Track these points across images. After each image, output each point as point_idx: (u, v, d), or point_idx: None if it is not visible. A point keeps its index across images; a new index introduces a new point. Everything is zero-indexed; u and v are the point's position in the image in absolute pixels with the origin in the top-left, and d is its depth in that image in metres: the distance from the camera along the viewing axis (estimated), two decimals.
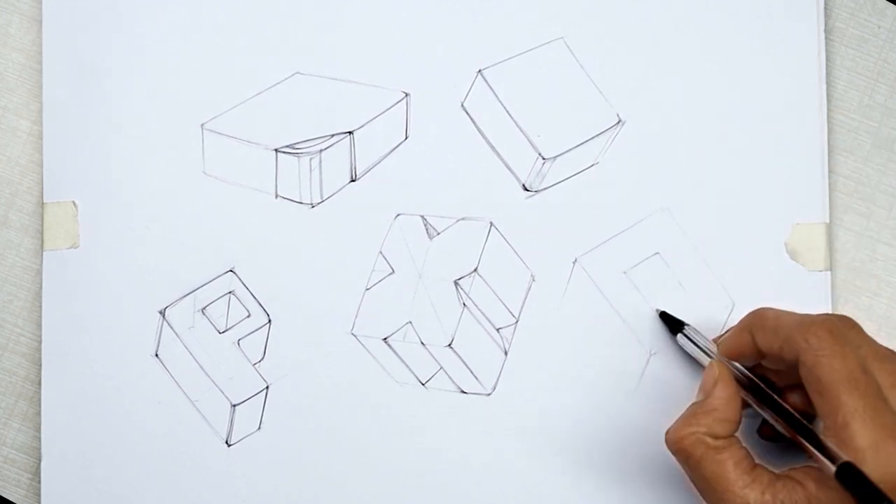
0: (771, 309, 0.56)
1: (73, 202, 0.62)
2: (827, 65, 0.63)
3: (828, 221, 0.61)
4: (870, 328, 0.62)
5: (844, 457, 0.49)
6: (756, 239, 0.61)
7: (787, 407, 0.54)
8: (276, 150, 0.62)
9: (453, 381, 0.61)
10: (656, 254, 0.62)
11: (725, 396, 0.54)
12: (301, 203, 0.62)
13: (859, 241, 0.63)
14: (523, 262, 0.62)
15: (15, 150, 0.64)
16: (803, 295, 0.61)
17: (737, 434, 0.54)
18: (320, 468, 0.61)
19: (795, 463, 0.53)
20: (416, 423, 0.61)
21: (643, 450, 0.61)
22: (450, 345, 0.61)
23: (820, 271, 0.61)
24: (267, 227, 0.62)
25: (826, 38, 0.63)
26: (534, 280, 0.61)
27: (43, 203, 0.62)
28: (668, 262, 0.61)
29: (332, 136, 0.62)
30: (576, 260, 0.61)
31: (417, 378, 0.61)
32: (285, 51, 0.63)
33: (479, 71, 0.62)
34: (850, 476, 0.48)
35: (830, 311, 0.61)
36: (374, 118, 0.62)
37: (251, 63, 0.63)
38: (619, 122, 0.62)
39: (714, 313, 0.61)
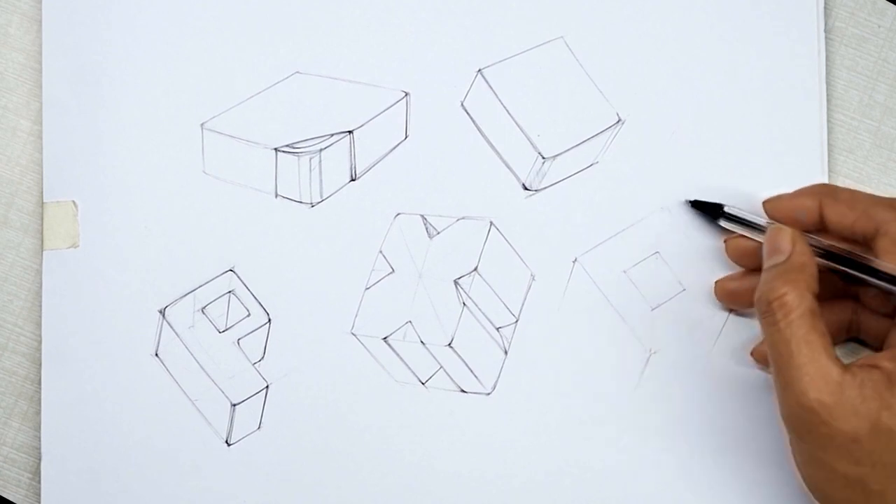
0: (839, 186, 0.57)
1: (73, 202, 0.62)
2: (827, 64, 0.63)
3: None
4: None
5: None
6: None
7: (862, 254, 0.54)
8: (276, 150, 0.62)
9: (453, 381, 0.61)
10: (656, 253, 0.62)
11: (809, 252, 0.54)
12: (301, 202, 0.62)
13: None
14: (523, 262, 0.62)
15: (15, 150, 0.64)
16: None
17: None
18: (320, 467, 0.61)
19: None
20: (416, 423, 0.61)
21: (643, 449, 0.61)
22: (450, 344, 0.61)
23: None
24: (267, 227, 0.62)
25: (826, 37, 0.63)
26: (534, 279, 0.61)
27: (43, 203, 0.62)
28: (668, 261, 0.61)
29: (332, 135, 0.62)
30: (576, 259, 0.61)
31: (417, 377, 0.61)
32: (285, 51, 0.63)
33: (479, 70, 0.62)
34: None
35: None
36: (374, 117, 0.62)
37: (251, 63, 0.63)
38: (618, 122, 0.62)
39: (714, 313, 0.61)
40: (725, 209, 0.59)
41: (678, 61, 0.62)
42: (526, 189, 0.62)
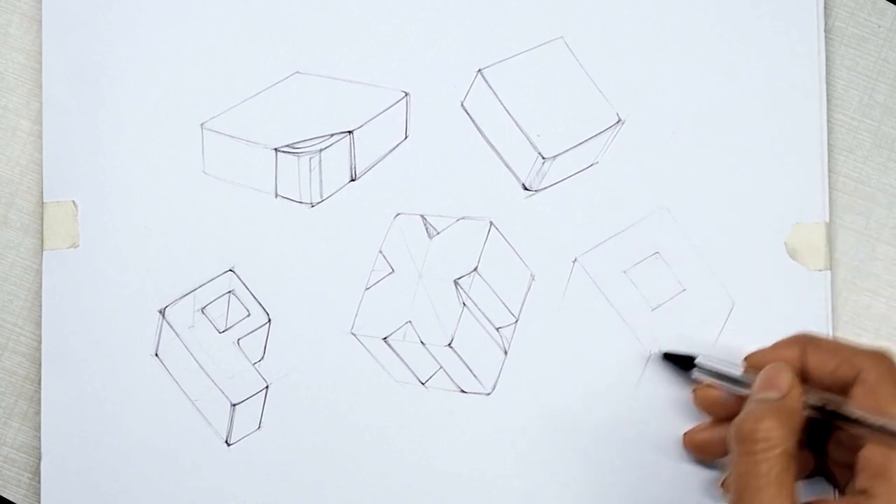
0: (818, 334, 0.58)
1: (73, 202, 0.62)
2: (827, 64, 0.63)
3: (828, 221, 0.61)
4: (870, 328, 0.62)
5: None
6: (756, 238, 0.61)
7: (843, 401, 0.54)
8: (276, 150, 0.62)
9: (453, 381, 0.61)
10: (656, 253, 0.62)
11: (801, 400, 0.54)
12: (301, 202, 0.62)
13: (859, 241, 0.63)
14: (523, 262, 0.62)
15: (15, 150, 0.64)
16: (803, 294, 0.61)
17: None
18: (320, 467, 0.61)
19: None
20: (416, 423, 0.61)
21: (643, 449, 0.61)
22: (449, 344, 0.61)
23: (820, 271, 0.61)
24: (267, 227, 0.62)
25: (826, 37, 0.63)
26: (534, 279, 0.61)
27: (43, 203, 0.62)
28: (668, 261, 0.61)
29: (332, 135, 0.62)
30: (575, 259, 0.61)
31: (417, 377, 0.61)
32: (285, 51, 0.63)
33: (479, 70, 0.62)
34: None
35: (830, 311, 0.61)
36: (374, 117, 0.62)
37: (251, 63, 0.63)
38: (618, 122, 0.62)
39: (714, 313, 0.61)
40: (698, 360, 0.59)
41: (678, 61, 0.62)
42: (526, 189, 0.62)
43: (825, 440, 0.57)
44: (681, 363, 0.60)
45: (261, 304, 0.62)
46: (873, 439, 0.52)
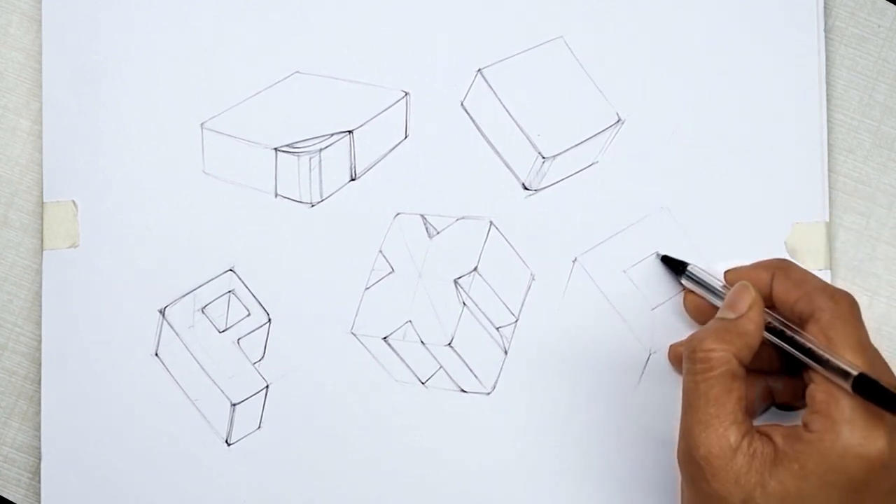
0: (796, 264, 0.58)
1: (73, 202, 0.62)
2: (827, 64, 0.63)
3: (828, 220, 0.61)
4: (870, 327, 0.62)
5: (857, 370, 0.51)
6: (756, 238, 0.61)
7: (797, 329, 0.54)
8: (276, 150, 0.62)
9: (453, 381, 0.61)
10: (656, 253, 0.62)
11: (758, 323, 0.54)
12: (301, 202, 0.62)
13: (859, 241, 0.63)
14: (523, 261, 0.62)
15: (15, 150, 0.64)
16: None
17: None
18: (320, 467, 0.61)
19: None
20: (416, 423, 0.61)
21: (643, 449, 0.61)
22: (450, 344, 0.61)
23: (820, 270, 0.61)
24: (267, 227, 0.62)
25: (826, 37, 0.63)
26: (533, 279, 0.61)
27: (43, 203, 0.62)
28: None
29: (332, 135, 0.62)
30: (575, 259, 0.61)
31: (417, 377, 0.61)
32: (285, 50, 0.63)
33: (479, 70, 0.62)
34: (864, 386, 0.50)
35: None
36: (374, 117, 0.62)
37: (251, 63, 0.63)
38: (618, 121, 0.62)
39: None
40: (689, 268, 0.60)
41: (678, 61, 0.62)
42: (526, 189, 0.62)
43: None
44: (675, 268, 0.60)
45: (261, 304, 0.62)
46: (820, 375, 0.52)
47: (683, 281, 0.60)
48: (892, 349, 0.62)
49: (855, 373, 0.51)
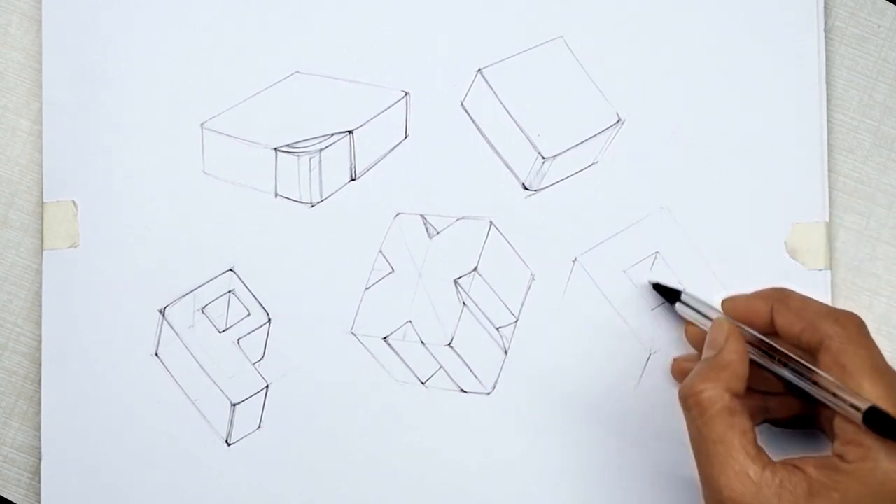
0: (794, 290, 0.57)
1: (73, 202, 0.62)
2: (827, 64, 0.63)
3: (828, 220, 0.61)
4: (870, 327, 0.62)
5: (867, 403, 0.50)
6: (756, 238, 0.61)
7: (803, 361, 0.54)
8: (276, 150, 0.62)
9: (453, 381, 0.61)
10: (656, 253, 0.62)
11: (739, 352, 0.54)
12: (301, 202, 0.62)
13: (859, 240, 0.63)
14: (523, 262, 0.62)
15: (15, 150, 0.64)
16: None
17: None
18: (320, 467, 0.61)
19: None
20: (416, 423, 0.61)
21: (643, 449, 0.61)
22: (450, 344, 0.61)
23: (820, 270, 0.61)
24: (267, 227, 0.62)
25: (826, 37, 0.63)
26: (534, 279, 0.61)
27: (43, 203, 0.62)
28: (668, 261, 0.61)
29: (332, 135, 0.62)
30: (576, 259, 0.61)
31: (417, 377, 0.61)
32: (285, 50, 0.63)
33: (479, 70, 0.62)
34: (876, 420, 0.49)
35: None
36: (374, 117, 0.62)
37: (251, 63, 0.63)
38: (618, 121, 0.62)
39: None
40: (683, 297, 0.59)
41: (678, 61, 0.62)
42: (526, 189, 0.62)
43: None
44: (668, 296, 0.60)
45: (261, 304, 0.62)
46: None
47: (678, 308, 0.60)
48: (893, 349, 0.62)
49: (864, 407, 0.50)
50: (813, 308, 0.54)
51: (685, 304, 0.59)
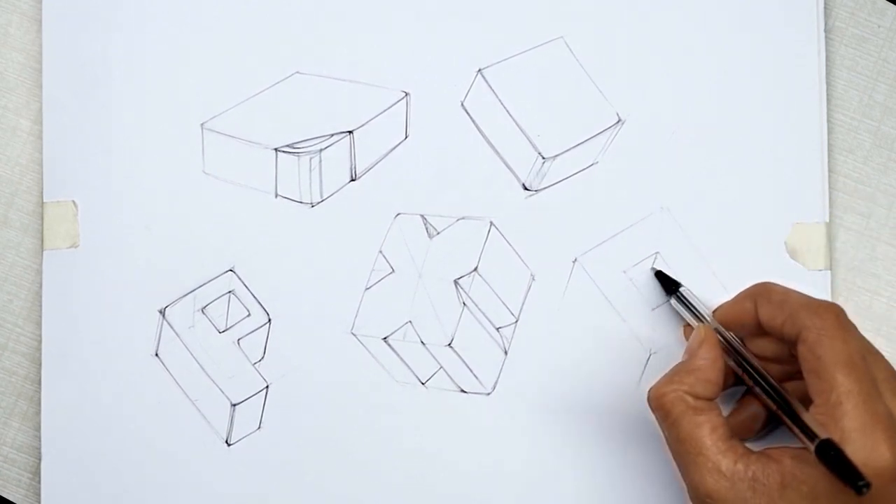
0: (777, 284, 0.57)
1: (73, 202, 0.62)
2: (827, 64, 0.63)
3: (828, 221, 0.61)
4: (870, 327, 0.62)
5: (825, 434, 0.50)
6: (756, 238, 0.61)
7: (773, 381, 0.55)
8: (276, 150, 0.62)
9: (453, 381, 0.61)
10: (656, 253, 0.62)
11: (710, 357, 0.55)
12: (301, 202, 0.62)
13: (859, 241, 0.63)
14: (523, 262, 0.62)
15: (15, 150, 0.64)
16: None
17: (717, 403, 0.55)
18: (320, 467, 0.61)
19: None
20: (416, 423, 0.61)
21: (643, 449, 0.61)
22: (450, 344, 0.61)
23: (820, 270, 0.61)
24: (267, 227, 0.62)
25: (826, 37, 0.63)
26: (534, 279, 0.61)
27: (43, 203, 0.62)
28: (668, 261, 0.61)
29: (332, 135, 0.62)
30: (576, 259, 0.61)
31: (417, 377, 0.61)
32: (285, 51, 0.63)
33: (479, 70, 0.62)
34: (829, 453, 0.49)
35: None
36: (374, 117, 0.62)
37: (251, 63, 0.63)
38: (618, 122, 0.62)
39: None
40: (681, 290, 0.60)
41: (678, 61, 0.62)
42: (526, 189, 0.62)
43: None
44: (667, 286, 0.60)
45: (261, 304, 0.62)
46: (821, 397, 0.51)
47: (672, 303, 0.60)
48: (893, 349, 0.62)
49: (819, 438, 0.50)
50: (793, 299, 0.55)
51: (680, 299, 0.59)
